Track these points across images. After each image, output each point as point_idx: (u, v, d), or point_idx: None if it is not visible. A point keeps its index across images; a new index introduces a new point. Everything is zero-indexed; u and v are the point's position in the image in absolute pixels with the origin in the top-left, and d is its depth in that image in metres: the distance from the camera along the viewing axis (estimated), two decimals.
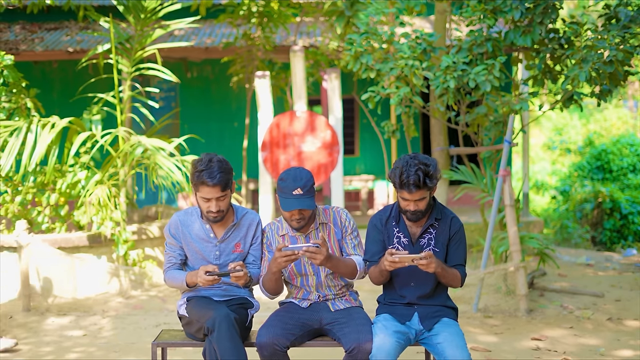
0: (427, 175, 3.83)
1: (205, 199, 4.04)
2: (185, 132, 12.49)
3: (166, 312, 7.07)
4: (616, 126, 21.05)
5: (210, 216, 4.08)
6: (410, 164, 3.83)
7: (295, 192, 3.98)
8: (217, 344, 3.82)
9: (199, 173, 3.97)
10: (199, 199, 4.07)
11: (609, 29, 6.41)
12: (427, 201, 3.94)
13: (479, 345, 5.83)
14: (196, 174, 3.99)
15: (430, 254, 3.76)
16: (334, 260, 3.95)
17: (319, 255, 3.82)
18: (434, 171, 3.86)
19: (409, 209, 3.93)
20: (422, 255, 3.74)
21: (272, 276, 4.00)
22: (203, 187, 3.99)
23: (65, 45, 11.77)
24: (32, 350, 5.88)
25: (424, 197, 3.89)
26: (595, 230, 14.67)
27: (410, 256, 3.76)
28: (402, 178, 3.83)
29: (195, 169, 4.00)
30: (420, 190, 3.84)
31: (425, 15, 12.15)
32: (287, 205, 3.99)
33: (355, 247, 4.20)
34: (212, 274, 3.93)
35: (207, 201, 4.04)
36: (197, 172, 3.98)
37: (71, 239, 7.80)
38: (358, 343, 3.81)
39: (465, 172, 7.68)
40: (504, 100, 6.63)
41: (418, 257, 3.74)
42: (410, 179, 3.80)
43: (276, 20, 11.07)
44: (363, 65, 7.09)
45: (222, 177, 3.98)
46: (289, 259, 3.86)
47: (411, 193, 3.85)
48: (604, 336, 6.16)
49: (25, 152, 7.67)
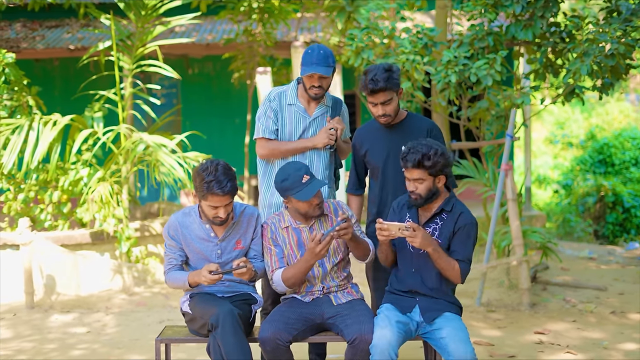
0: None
1: (214, 207, 4.03)
2: (186, 129, 12.47)
3: (169, 309, 7.08)
4: (618, 120, 21.02)
5: (217, 221, 4.09)
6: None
7: (304, 180, 4.03)
8: (221, 340, 3.83)
9: (208, 184, 3.94)
10: (205, 207, 4.06)
11: (611, 22, 6.39)
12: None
13: (482, 339, 5.84)
14: (205, 185, 3.96)
15: (415, 226, 3.79)
16: (355, 237, 4.10)
17: (349, 229, 3.98)
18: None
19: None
20: (407, 224, 3.78)
21: (306, 269, 4.05)
22: (213, 197, 3.98)
23: (67, 42, 11.77)
24: (36, 347, 5.89)
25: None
26: (598, 224, 14.66)
27: (396, 224, 3.81)
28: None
29: (203, 180, 3.96)
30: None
31: (426, 10, 12.13)
32: (305, 194, 4.02)
33: (362, 234, 4.29)
34: (216, 273, 3.93)
35: (215, 209, 4.04)
36: (206, 182, 3.95)
37: (74, 236, 7.81)
38: (360, 334, 3.84)
39: (467, 167, 7.68)
40: (505, 95, 6.63)
41: (403, 226, 3.80)
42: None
43: (277, 16, 11.05)
44: (364, 61, 7.09)
45: (231, 186, 3.99)
46: (328, 247, 3.95)
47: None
48: (607, 329, 6.16)
49: (28, 150, 7.67)
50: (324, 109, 4.60)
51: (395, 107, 4.40)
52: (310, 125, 4.58)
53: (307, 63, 4.42)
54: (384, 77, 4.27)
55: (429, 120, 4.59)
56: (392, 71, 4.32)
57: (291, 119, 4.57)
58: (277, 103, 4.58)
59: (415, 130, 4.44)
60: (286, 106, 4.57)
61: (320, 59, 4.39)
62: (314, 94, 4.49)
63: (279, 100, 4.59)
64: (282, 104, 4.58)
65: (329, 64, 4.41)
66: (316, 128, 4.58)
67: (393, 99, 4.35)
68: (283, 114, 4.57)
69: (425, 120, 4.59)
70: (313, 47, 4.44)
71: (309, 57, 4.41)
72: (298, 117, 4.57)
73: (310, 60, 4.40)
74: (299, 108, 4.57)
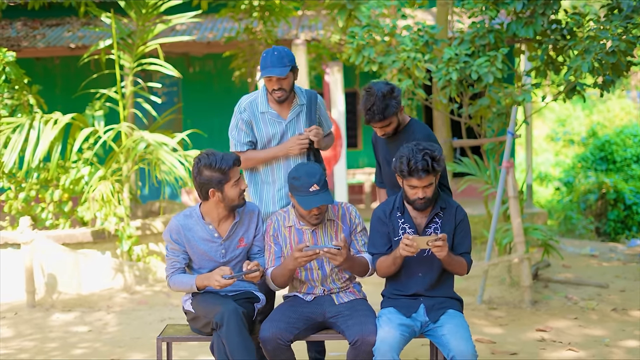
0: (434, 160, 3.87)
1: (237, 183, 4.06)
2: (188, 127, 12.47)
3: (171, 307, 7.08)
4: (619, 117, 21.02)
5: (276, 96, 4.35)
6: (415, 151, 3.87)
7: (312, 188, 3.97)
8: (226, 338, 3.82)
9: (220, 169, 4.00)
10: (231, 191, 4.04)
11: (612, 19, 6.38)
12: (434, 187, 3.97)
13: (484, 336, 5.84)
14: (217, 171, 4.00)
15: (445, 237, 3.78)
16: (351, 261, 3.99)
17: (339, 257, 3.86)
18: (440, 155, 3.91)
19: (417, 197, 3.94)
20: (438, 236, 3.76)
21: (287, 272, 4.02)
22: (232, 171, 4.01)
23: (67, 41, 11.77)
24: (38, 346, 5.90)
25: (431, 182, 3.92)
26: (599, 221, 14.66)
27: (426, 238, 3.77)
28: (410, 165, 3.85)
29: (212, 168, 3.98)
30: (429, 175, 3.87)
31: (427, 8, 12.12)
32: (307, 203, 3.98)
33: (366, 244, 4.23)
34: (231, 277, 3.91)
35: (239, 185, 4.08)
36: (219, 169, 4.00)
37: (75, 235, 7.81)
38: (362, 335, 3.82)
39: (468, 164, 7.67)
40: (506, 92, 6.62)
41: (433, 238, 3.76)
42: (418, 164, 3.84)
43: (278, 14, 11.04)
44: (365, 59, 7.08)
45: (233, 158, 4.03)
46: (309, 259, 3.89)
47: (420, 179, 3.87)
48: (608, 327, 6.16)
49: (28, 149, 7.67)
50: (298, 109, 4.53)
51: (395, 126, 4.38)
52: (287, 129, 4.51)
53: (262, 67, 4.35)
54: (381, 109, 4.23)
55: (425, 128, 4.57)
56: (391, 97, 4.26)
57: (267, 126, 4.50)
58: (249, 113, 4.51)
59: (413, 137, 4.41)
60: (259, 114, 4.50)
61: (275, 60, 4.31)
62: (277, 97, 4.41)
63: (250, 109, 4.51)
64: (254, 113, 4.50)
65: (284, 64, 4.32)
66: (294, 130, 4.52)
67: (392, 122, 4.33)
68: (257, 123, 4.51)
69: (423, 127, 4.57)
70: (268, 51, 4.36)
71: (264, 61, 4.34)
72: (273, 123, 4.50)
73: (264, 64, 4.34)
74: (272, 115, 4.50)
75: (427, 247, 3.78)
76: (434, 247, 3.78)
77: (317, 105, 4.63)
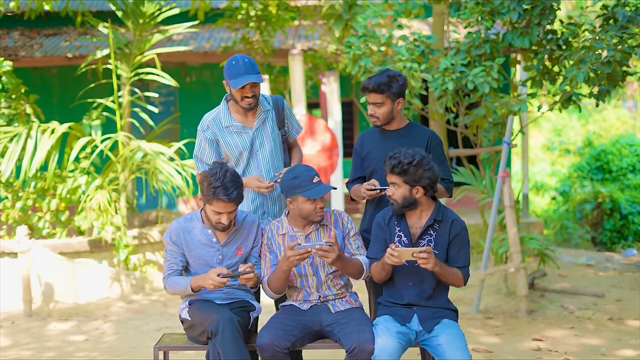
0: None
1: (218, 212, 4.04)
2: (184, 136, 12.48)
3: (168, 316, 7.08)
4: (615, 126, 21.05)
5: (219, 227, 4.10)
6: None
7: (315, 180, 4.05)
8: (221, 347, 3.83)
9: (215, 189, 3.95)
10: (209, 211, 4.06)
11: (607, 29, 6.41)
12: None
13: (480, 346, 5.84)
14: (211, 190, 3.96)
15: (429, 249, 3.78)
16: (343, 260, 4.01)
17: (331, 254, 3.88)
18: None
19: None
20: (422, 248, 3.77)
21: (281, 275, 4.02)
22: (218, 203, 3.99)
23: (64, 51, 11.78)
24: (35, 355, 5.89)
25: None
26: (595, 231, 14.67)
27: (410, 250, 3.79)
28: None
29: (210, 184, 3.97)
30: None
31: (423, 18, 12.15)
32: (316, 193, 4.03)
33: (359, 247, 4.25)
34: (225, 276, 3.94)
35: (218, 214, 4.05)
36: (213, 187, 3.96)
37: (72, 244, 7.81)
38: (359, 343, 3.82)
39: (464, 174, 7.69)
40: (502, 102, 6.65)
41: (417, 250, 3.77)
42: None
43: (274, 24, 11.08)
44: (362, 68, 7.11)
45: (237, 193, 3.99)
46: (302, 258, 3.90)
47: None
48: (605, 336, 6.17)
49: (25, 158, 7.69)
50: (263, 116, 4.48)
51: (386, 112, 4.42)
52: (255, 137, 4.46)
53: (235, 75, 4.27)
54: (380, 81, 4.34)
55: (429, 130, 4.60)
56: (394, 79, 4.36)
57: (234, 139, 4.44)
58: (213, 131, 4.45)
59: (414, 139, 4.45)
60: (224, 129, 4.44)
61: (248, 67, 4.27)
62: (248, 104, 4.34)
63: (215, 126, 4.45)
64: (219, 128, 4.45)
65: (257, 71, 4.30)
66: (262, 138, 4.46)
67: (384, 103, 4.38)
68: (224, 138, 4.44)
69: (426, 130, 4.60)
70: (236, 58, 4.30)
71: (237, 69, 4.27)
72: (240, 135, 4.44)
73: (238, 72, 4.26)
74: (237, 127, 4.44)
75: (412, 258, 3.79)
76: (418, 258, 3.79)
77: (284, 109, 4.62)
